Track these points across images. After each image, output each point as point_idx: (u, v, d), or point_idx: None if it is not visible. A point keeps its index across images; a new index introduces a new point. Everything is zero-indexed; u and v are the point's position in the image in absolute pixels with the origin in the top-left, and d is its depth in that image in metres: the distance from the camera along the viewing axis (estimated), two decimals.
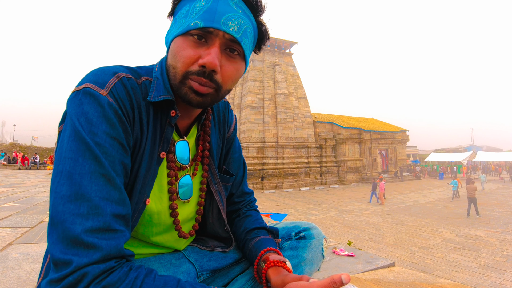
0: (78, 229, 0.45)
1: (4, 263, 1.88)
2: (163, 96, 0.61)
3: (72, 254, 0.45)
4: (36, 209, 4.03)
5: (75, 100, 0.53)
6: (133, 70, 0.62)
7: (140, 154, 0.60)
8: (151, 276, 0.49)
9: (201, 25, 0.56)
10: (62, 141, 0.52)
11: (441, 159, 34.83)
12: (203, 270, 0.75)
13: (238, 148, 0.87)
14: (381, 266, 2.37)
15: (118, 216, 0.50)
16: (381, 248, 7.82)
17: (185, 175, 0.70)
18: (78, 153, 0.49)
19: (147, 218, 0.65)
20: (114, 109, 0.53)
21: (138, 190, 0.59)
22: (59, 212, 0.47)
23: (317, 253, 0.80)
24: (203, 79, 0.57)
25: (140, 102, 0.60)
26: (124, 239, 0.50)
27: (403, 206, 14.80)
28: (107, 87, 0.54)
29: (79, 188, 0.47)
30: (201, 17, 0.57)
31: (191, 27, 0.57)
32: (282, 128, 24.45)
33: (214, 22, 0.56)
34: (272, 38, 26.70)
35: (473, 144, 55.71)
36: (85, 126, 0.50)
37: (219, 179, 0.78)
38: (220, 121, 0.81)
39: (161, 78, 0.63)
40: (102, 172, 0.49)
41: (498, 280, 5.62)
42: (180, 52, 0.58)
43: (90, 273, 0.44)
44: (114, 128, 0.53)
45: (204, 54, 0.57)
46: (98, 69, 0.57)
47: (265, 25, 0.66)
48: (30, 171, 15.84)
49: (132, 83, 0.59)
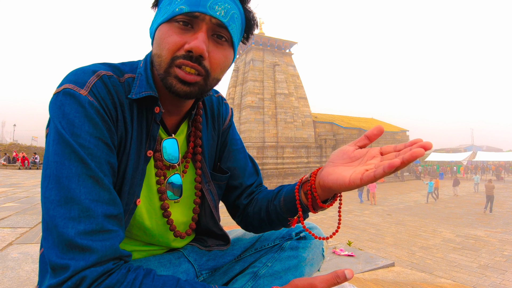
0: (71, 233, 0.45)
1: (4, 263, 1.88)
2: (145, 92, 0.59)
3: (68, 258, 0.44)
4: (36, 209, 4.03)
5: (56, 102, 0.52)
6: (115, 67, 0.60)
7: (126, 153, 0.58)
8: (150, 276, 0.49)
9: (186, 9, 0.54)
10: (48, 145, 0.51)
11: (441, 159, 34.80)
12: (202, 269, 0.75)
13: (240, 141, 0.84)
14: (381, 266, 2.37)
15: (110, 216, 0.49)
16: (381, 248, 7.82)
17: (174, 174, 0.68)
18: (64, 156, 0.48)
19: (138, 219, 0.64)
20: (96, 108, 0.52)
21: (126, 191, 0.58)
22: (51, 216, 0.46)
23: (318, 253, 0.80)
24: (190, 63, 0.55)
25: (123, 100, 0.58)
26: (118, 239, 0.50)
27: (403, 206, 14.80)
28: (87, 87, 0.53)
29: (67, 191, 0.47)
30: (186, 2, 0.55)
31: (176, 12, 0.55)
32: (282, 128, 24.45)
33: (200, 6, 0.54)
34: (272, 38, 26.71)
35: (473, 144, 55.77)
36: (68, 128, 0.49)
37: (210, 177, 0.75)
38: (213, 116, 0.78)
39: (144, 74, 0.61)
40: (89, 173, 0.49)
41: (498, 280, 5.62)
42: (165, 39, 0.56)
43: (88, 277, 0.44)
44: (97, 127, 0.52)
45: (190, 39, 0.55)
46: (78, 69, 0.56)
47: (252, 12, 0.65)
48: (30, 171, 15.84)
49: (114, 81, 0.57)
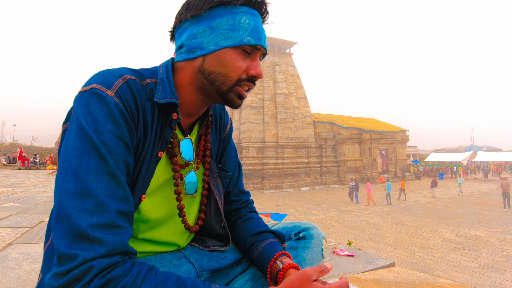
0: (84, 224, 0.47)
1: (4, 263, 1.88)
2: (169, 99, 0.63)
3: (78, 248, 0.46)
4: (36, 209, 4.03)
5: (82, 99, 0.55)
6: (138, 72, 0.64)
7: (143, 155, 0.62)
8: (153, 271, 0.51)
9: (253, 42, 0.64)
10: (68, 139, 0.53)
11: (441, 159, 34.81)
12: (203, 270, 0.75)
13: (234, 149, 0.90)
14: (381, 266, 2.37)
15: (122, 213, 0.51)
16: (381, 248, 7.83)
17: (190, 171, 0.73)
18: (84, 151, 0.50)
19: (143, 213, 0.66)
20: (120, 109, 0.55)
21: (139, 187, 0.61)
22: (64, 207, 0.48)
23: (317, 253, 0.80)
24: (253, 85, 0.68)
25: (145, 103, 0.61)
26: (128, 235, 0.52)
27: (403, 206, 14.81)
28: (113, 88, 0.56)
29: (84, 185, 0.49)
30: (250, 34, 0.64)
31: (245, 42, 0.64)
32: (282, 128, 24.46)
33: (261, 40, 0.66)
34: (272, 38, 26.71)
35: (473, 144, 55.73)
36: (91, 125, 0.52)
37: (217, 174, 0.81)
38: (217, 122, 0.84)
39: (166, 81, 0.65)
40: (107, 170, 0.51)
41: (498, 280, 5.63)
42: (234, 63, 0.64)
43: (95, 267, 0.45)
44: (120, 127, 0.54)
45: (251, 66, 0.66)
46: (105, 71, 0.59)
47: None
48: (30, 171, 15.84)
49: (137, 85, 0.61)
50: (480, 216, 11.77)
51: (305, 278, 0.55)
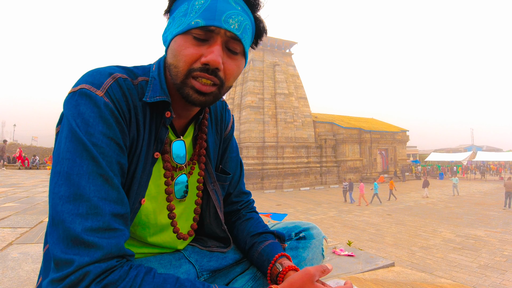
0: (78, 229, 0.46)
1: (4, 263, 1.88)
2: (159, 96, 0.61)
3: (73, 253, 0.45)
4: (36, 209, 4.03)
5: (71, 101, 0.53)
6: (129, 71, 0.62)
7: (137, 155, 0.60)
8: (151, 274, 0.50)
9: (202, 23, 0.56)
10: (60, 142, 0.52)
11: (441, 159, 34.79)
12: (203, 270, 0.75)
13: (236, 148, 0.87)
14: (381, 266, 2.37)
15: (117, 215, 0.50)
16: (381, 248, 7.83)
17: (181, 175, 0.70)
18: (76, 154, 0.49)
19: (144, 218, 0.65)
20: (111, 109, 0.53)
21: (135, 190, 0.60)
22: (58, 212, 0.47)
23: (317, 253, 0.80)
24: (207, 75, 0.57)
25: (137, 102, 0.59)
26: (124, 238, 0.50)
27: (403, 206, 14.81)
28: (103, 88, 0.54)
29: (77, 188, 0.48)
30: (201, 15, 0.56)
31: (192, 25, 0.56)
32: (282, 128, 24.46)
33: (215, 20, 0.56)
34: (272, 38, 26.70)
35: (473, 144, 55.71)
36: (82, 127, 0.50)
37: (215, 178, 0.77)
38: (217, 120, 0.80)
39: (157, 78, 0.63)
40: (100, 172, 0.50)
41: (498, 280, 5.63)
42: (181, 51, 0.57)
43: (92, 272, 0.44)
44: (111, 128, 0.53)
45: (206, 52, 0.57)
46: (94, 70, 0.57)
47: (263, 22, 0.67)
48: (30, 171, 15.84)
49: (128, 84, 0.59)
50: (480, 216, 11.77)
51: (308, 277, 0.55)
